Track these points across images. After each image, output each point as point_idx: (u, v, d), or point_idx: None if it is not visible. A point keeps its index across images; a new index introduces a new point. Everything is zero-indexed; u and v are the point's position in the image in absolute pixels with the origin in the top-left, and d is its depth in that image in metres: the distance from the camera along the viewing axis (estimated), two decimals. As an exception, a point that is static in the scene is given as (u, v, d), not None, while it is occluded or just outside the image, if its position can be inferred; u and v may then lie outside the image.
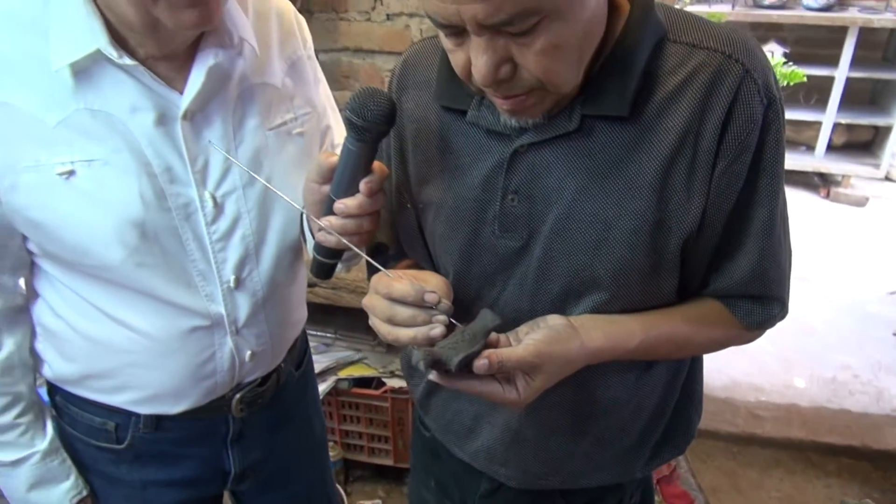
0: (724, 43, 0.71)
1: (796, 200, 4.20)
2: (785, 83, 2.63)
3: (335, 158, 0.77)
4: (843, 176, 4.34)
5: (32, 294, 0.95)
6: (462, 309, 0.76)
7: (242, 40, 0.85)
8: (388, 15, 1.91)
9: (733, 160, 0.71)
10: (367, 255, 0.82)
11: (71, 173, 0.79)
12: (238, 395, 1.01)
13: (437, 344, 0.69)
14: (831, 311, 3.15)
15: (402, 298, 0.71)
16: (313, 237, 0.87)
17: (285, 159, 0.93)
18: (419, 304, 0.71)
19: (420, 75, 0.85)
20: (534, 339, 0.71)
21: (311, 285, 1.79)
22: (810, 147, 4.44)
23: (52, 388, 1.01)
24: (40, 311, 0.94)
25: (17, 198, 0.80)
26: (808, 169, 4.38)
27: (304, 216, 0.89)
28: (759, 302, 0.82)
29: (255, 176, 0.87)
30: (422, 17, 1.89)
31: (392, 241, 0.96)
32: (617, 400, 0.85)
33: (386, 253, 0.96)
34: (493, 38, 0.62)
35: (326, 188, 0.79)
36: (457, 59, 0.67)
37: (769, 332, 0.89)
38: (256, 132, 0.89)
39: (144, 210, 0.82)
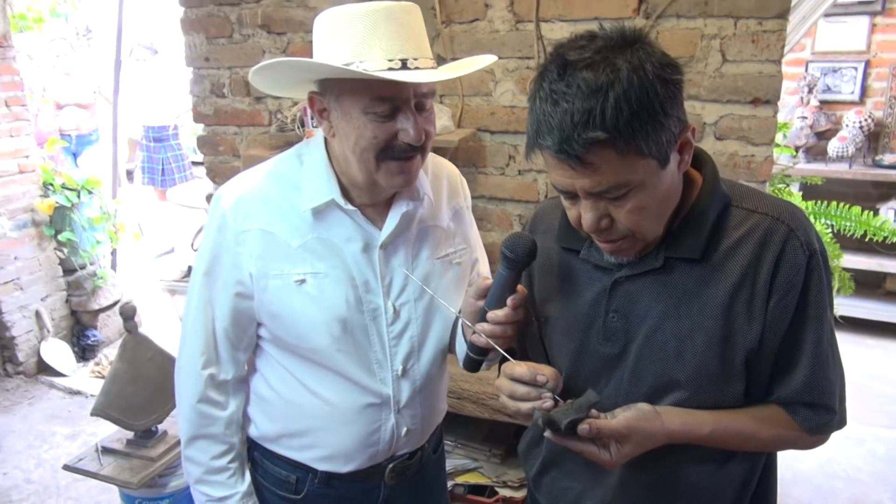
0: (773, 209, 0.97)
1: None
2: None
3: (490, 281, 1.07)
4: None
5: (252, 369, 1.29)
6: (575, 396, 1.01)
7: (425, 194, 1.20)
8: (519, 171, 2.29)
9: (783, 296, 0.95)
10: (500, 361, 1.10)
11: (303, 281, 1.14)
12: (391, 465, 1.27)
13: (552, 411, 0.93)
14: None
15: (520, 378, 0.98)
16: (466, 340, 1.15)
17: (446, 281, 1.24)
18: (533, 383, 0.97)
19: (546, 224, 1.16)
20: (625, 415, 0.95)
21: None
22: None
23: (252, 445, 1.31)
24: (257, 382, 1.27)
25: (266, 296, 1.16)
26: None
27: (461, 323, 1.18)
28: (814, 409, 1.00)
29: (427, 289, 1.19)
30: (547, 172, 2.24)
31: (518, 347, 1.23)
32: (696, 487, 1.04)
33: (514, 356, 1.22)
34: (597, 201, 0.91)
35: (481, 303, 1.08)
36: (571, 214, 0.97)
37: None
38: (427, 260, 1.22)
39: (347, 310, 1.15)
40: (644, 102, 0.83)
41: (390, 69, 1.01)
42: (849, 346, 3.86)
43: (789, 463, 2.87)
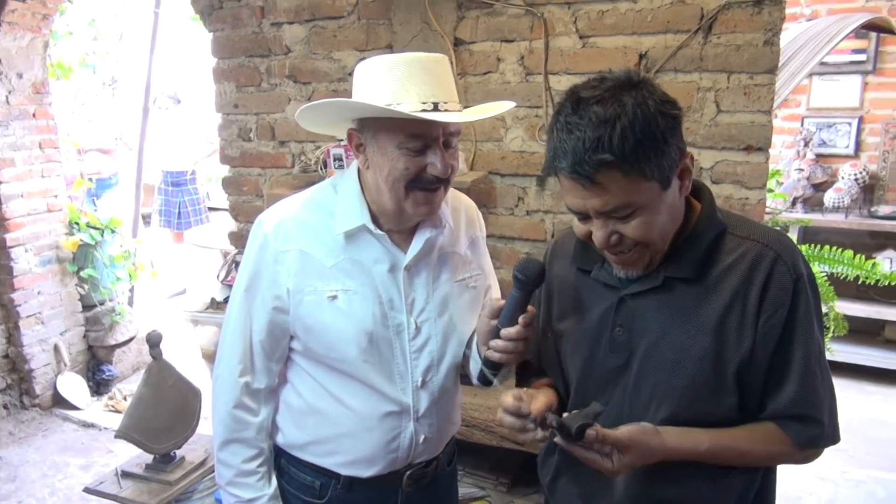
0: (763, 237, 1.09)
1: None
2: (887, 283, 2.86)
3: (503, 302, 1.19)
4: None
5: (282, 380, 1.39)
6: (583, 406, 1.11)
7: (446, 223, 1.33)
8: (527, 211, 2.43)
9: (771, 314, 1.05)
10: (518, 369, 1.24)
11: (335, 297, 1.26)
12: (409, 472, 1.36)
13: (564, 417, 1.04)
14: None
15: (506, 409, 1.11)
16: (480, 357, 1.25)
17: (462, 303, 1.36)
18: (517, 413, 1.10)
19: (564, 250, 1.28)
20: (628, 429, 1.05)
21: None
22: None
23: (279, 453, 1.40)
24: (286, 392, 1.38)
25: (300, 310, 1.27)
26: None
27: (476, 341, 1.29)
28: (804, 422, 1.08)
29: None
30: (554, 213, 2.38)
31: (535, 359, 1.34)
32: (698, 496, 1.13)
33: (532, 368, 1.34)
34: (606, 219, 1.03)
35: (494, 322, 1.19)
36: (582, 230, 1.09)
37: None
38: (446, 282, 1.35)
39: (374, 325, 1.27)
40: (647, 132, 0.96)
41: (424, 110, 1.15)
42: (849, 391, 3.92)
43: (793, 503, 2.91)
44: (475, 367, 1.34)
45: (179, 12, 5.60)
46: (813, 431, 1.09)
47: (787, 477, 3.08)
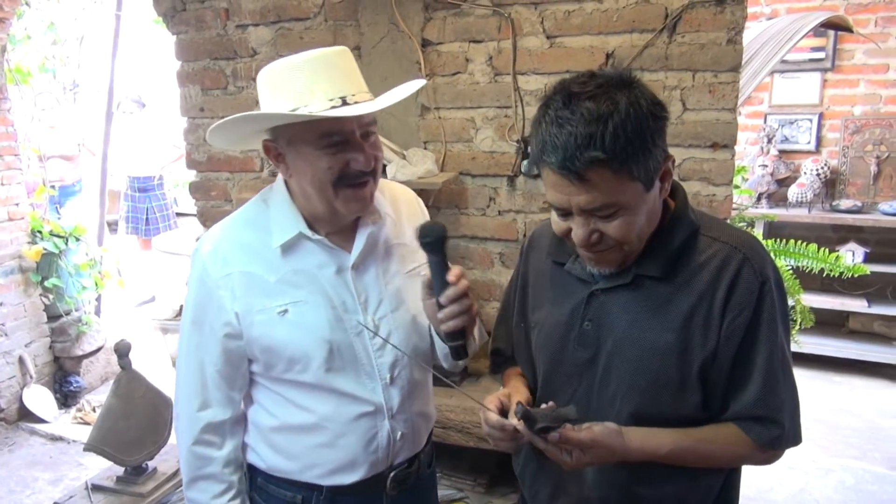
0: (733, 239, 1.10)
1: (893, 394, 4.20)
2: (850, 275, 2.93)
3: (429, 276, 1.18)
4: (941, 371, 4.31)
5: (249, 402, 1.36)
6: (550, 398, 1.12)
7: (386, 215, 1.32)
8: (499, 211, 2.44)
9: (736, 315, 1.06)
10: (491, 357, 1.24)
11: (285, 311, 1.24)
12: (392, 474, 1.34)
13: (533, 409, 1.04)
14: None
15: (492, 426, 1.12)
16: (440, 337, 1.24)
17: (416, 293, 1.31)
18: (502, 429, 1.11)
19: (540, 242, 1.29)
20: (592, 430, 1.06)
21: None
22: (903, 342, 4.49)
23: (255, 472, 1.36)
24: (254, 412, 1.34)
25: (253, 331, 1.25)
26: (902, 363, 4.40)
27: (433, 328, 1.28)
28: (764, 423, 1.10)
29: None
30: (526, 213, 2.39)
31: (508, 347, 1.35)
32: (666, 490, 1.14)
33: (503, 355, 1.35)
34: (588, 217, 1.04)
35: (432, 299, 1.18)
36: (560, 227, 1.09)
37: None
38: (397, 275, 1.33)
39: (331, 332, 1.25)
40: (638, 132, 0.96)
41: (333, 107, 1.14)
42: (817, 382, 4.01)
43: (763, 494, 2.96)
44: (441, 350, 1.34)
45: (141, 15, 5.50)
46: (773, 433, 1.10)
47: (758, 467, 3.13)
